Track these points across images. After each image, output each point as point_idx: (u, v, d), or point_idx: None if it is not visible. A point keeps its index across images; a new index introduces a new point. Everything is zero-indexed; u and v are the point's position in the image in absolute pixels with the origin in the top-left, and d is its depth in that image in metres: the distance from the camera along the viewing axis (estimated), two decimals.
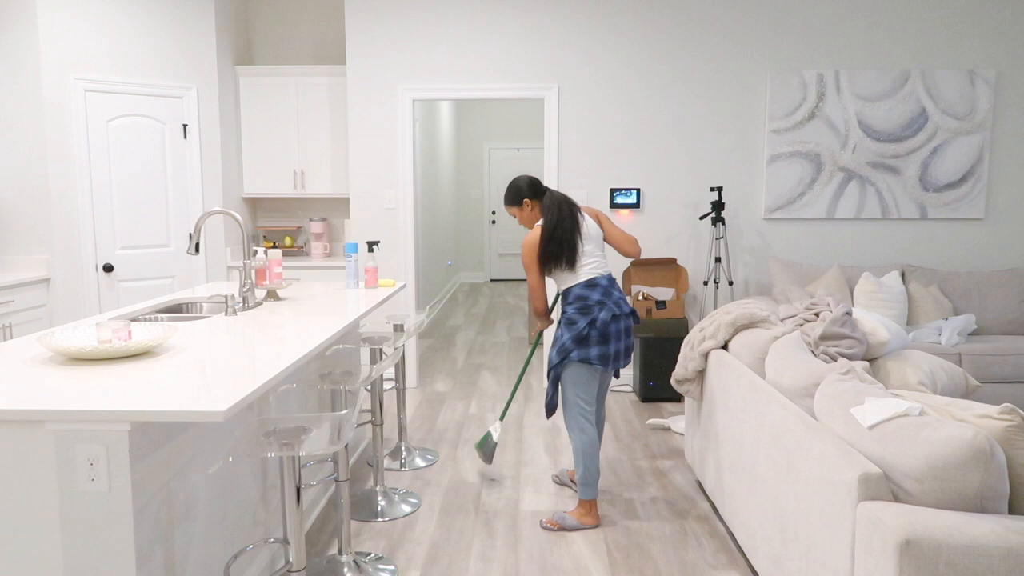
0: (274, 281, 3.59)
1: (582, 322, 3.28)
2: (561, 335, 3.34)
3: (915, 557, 1.68)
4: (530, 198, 3.48)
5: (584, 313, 3.30)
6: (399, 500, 3.57)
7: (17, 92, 4.70)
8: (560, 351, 3.32)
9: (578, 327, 3.27)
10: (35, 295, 4.71)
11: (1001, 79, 5.38)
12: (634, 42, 5.41)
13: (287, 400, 3.09)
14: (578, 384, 3.34)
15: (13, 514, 1.86)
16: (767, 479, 2.57)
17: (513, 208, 3.54)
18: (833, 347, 2.95)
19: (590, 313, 3.29)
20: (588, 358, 3.28)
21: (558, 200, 3.39)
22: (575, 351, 3.28)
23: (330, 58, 6.12)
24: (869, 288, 4.89)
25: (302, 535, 2.22)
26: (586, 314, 3.29)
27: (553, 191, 3.45)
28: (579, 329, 3.27)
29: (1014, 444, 1.87)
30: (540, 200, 3.46)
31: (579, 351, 3.28)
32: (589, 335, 3.27)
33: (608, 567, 2.98)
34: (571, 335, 3.28)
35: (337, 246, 6.28)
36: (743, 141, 5.48)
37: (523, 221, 3.53)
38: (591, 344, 3.27)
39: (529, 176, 3.51)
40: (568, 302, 3.36)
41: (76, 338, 2.43)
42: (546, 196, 3.43)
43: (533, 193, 3.48)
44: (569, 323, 3.32)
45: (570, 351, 3.29)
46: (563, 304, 3.41)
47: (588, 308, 3.30)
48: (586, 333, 3.27)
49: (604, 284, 3.35)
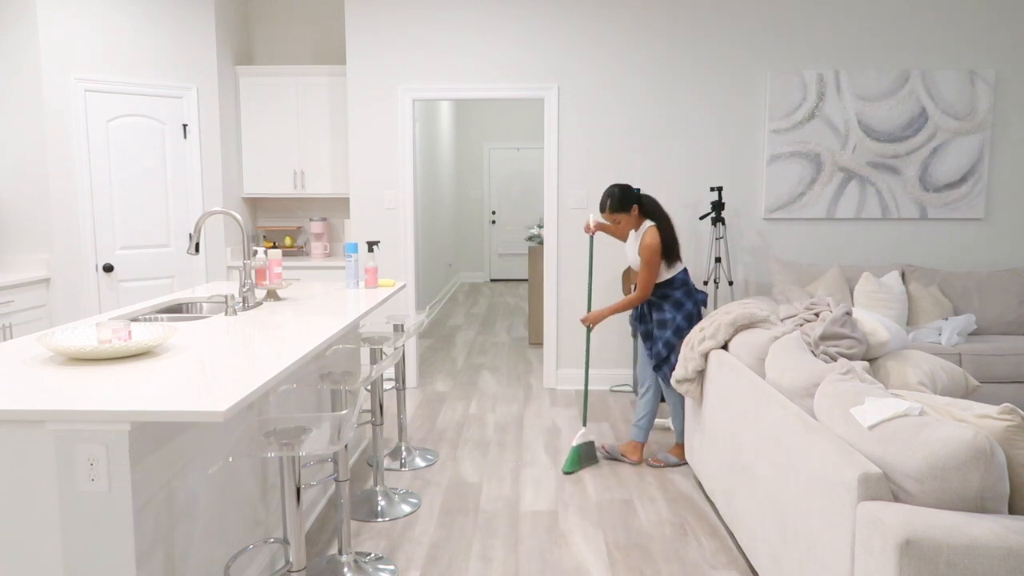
0: (274, 281, 3.59)
1: (689, 304, 3.90)
2: (671, 316, 3.88)
3: (915, 557, 1.68)
4: (638, 204, 3.91)
5: (690, 296, 3.91)
6: (399, 500, 3.57)
7: (17, 92, 4.70)
8: (676, 332, 3.88)
9: (686, 308, 3.89)
10: (35, 295, 4.71)
11: (1001, 79, 5.38)
12: (634, 42, 5.41)
13: (287, 400, 3.09)
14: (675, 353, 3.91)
15: (13, 514, 1.86)
16: (767, 479, 2.57)
17: (620, 215, 3.90)
18: (833, 347, 2.95)
19: (692, 296, 3.92)
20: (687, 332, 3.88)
21: (658, 204, 3.95)
22: (685, 329, 3.88)
23: (330, 58, 6.12)
24: (869, 288, 4.89)
25: (302, 535, 2.22)
26: (691, 296, 3.92)
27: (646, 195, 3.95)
28: (688, 310, 3.89)
29: (1014, 444, 1.87)
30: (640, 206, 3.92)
31: (687, 328, 3.87)
32: (693, 315, 3.90)
33: (608, 567, 2.98)
34: (683, 315, 3.88)
35: (337, 246, 6.28)
36: (743, 141, 5.48)
37: (623, 227, 3.94)
38: (693, 321, 3.89)
39: (622, 184, 3.92)
40: (674, 287, 3.90)
41: (76, 338, 2.43)
42: (647, 200, 3.92)
43: (637, 200, 3.91)
44: (677, 305, 3.89)
45: (683, 329, 3.88)
46: (665, 290, 3.90)
47: (690, 291, 3.93)
48: (693, 312, 3.90)
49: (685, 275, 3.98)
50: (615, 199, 3.88)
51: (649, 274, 3.83)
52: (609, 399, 5.36)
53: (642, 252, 3.85)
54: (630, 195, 3.89)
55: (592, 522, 3.38)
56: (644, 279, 3.86)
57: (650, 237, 3.80)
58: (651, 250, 3.81)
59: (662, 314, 3.92)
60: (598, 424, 4.79)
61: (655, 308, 3.96)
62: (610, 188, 3.91)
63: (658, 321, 3.93)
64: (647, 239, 3.80)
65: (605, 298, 5.62)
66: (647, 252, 3.82)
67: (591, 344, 5.64)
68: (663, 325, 3.91)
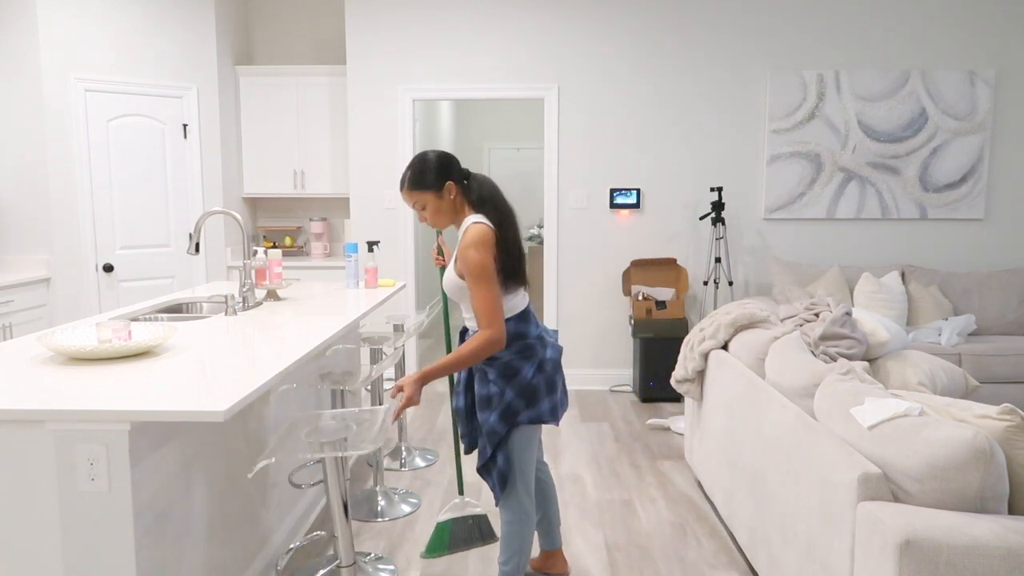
0: (274, 281, 3.59)
1: (527, 369, 2.40)
2: (499, 392, 2.40)
3: (915, 557, 1.68)
4: (454, 182, 2.42)
5: (526, 356, 2.41)
6: (399, 500, 3.57)
7: (17, 92, 4.70)
8: (504, 415, 2.39)
9: (523, 377, 2.39)
10: (35, 295, 4.71)
11: (1001, 79, 5.38)
12: (634, 42, 5.41)
13: (287, 400, 3.09)
14: (526, 454, 2.45)
15: (13, 514, 1.86)
16: (767, 479, 2.57)
17: (423, 195, 2.40)
18: (833, 347, 2.95)
19: (533, 355, 2.42)
20: (541, 416, 2.42)
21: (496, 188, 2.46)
22: (524, 412, 2.40)
23: (330, 58, 6.12)
24: (869, 288, 4.89)
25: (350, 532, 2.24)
26: (529, 357, 2.41)
27: (478, 175, 2.47)
28: (525, 380, 2.39)
29: (1014, 444, 1.87)
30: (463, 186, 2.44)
31: (528, 411, 2.40)
32: (537, 386, 2.41)
33: (608, 567, 2.98)
34: (515, 390, 2.39)
35: (337, 246, 6.28)
36: (743, 141, 5.47)
37: (435, 215, 2.43)
38: (540, 397, 2.41)
39: (440, 151, 2.43)
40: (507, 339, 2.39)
41: (76, 338, 2.43)
42: (475, 180, 2.45)
43: (456, 175, 2.43)
44: (509, 374, 2.39)
45: (518, 412, 2.39)
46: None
47: (530, 349, 2.41)
48: (535, 384, 2.41)
49: (532, 312, 2.50)
50: (415, 171, 2.39)
51: (485, 292, 2.28)
52: (609, 399, 5.36)
53: (462, 254, 2.30)
54: (444, 168, 2.39)
55: (592, 522, 3.38)
56: (483, 306, 2.28)
57: (476, 229, 2.33)
58: (479, 246, 2.28)
59: (485, 387, 2.43)
60: (598, 424, 4.79)
61: (477, 374, 2.49)
62: (417, 156, 2.43)
63: (480, 398, 2.45)
64: (471, 232, 2.33)
65: (605, 302, 5.61)
66: (471, 251, 2.28)
67: (590, 346, 5.64)
68: (486, 404, 2.42)
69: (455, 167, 2.42)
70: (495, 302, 2.29)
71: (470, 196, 2.43)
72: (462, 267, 2.33)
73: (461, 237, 2.38)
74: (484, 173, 6.90)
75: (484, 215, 2.40)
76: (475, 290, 2.30)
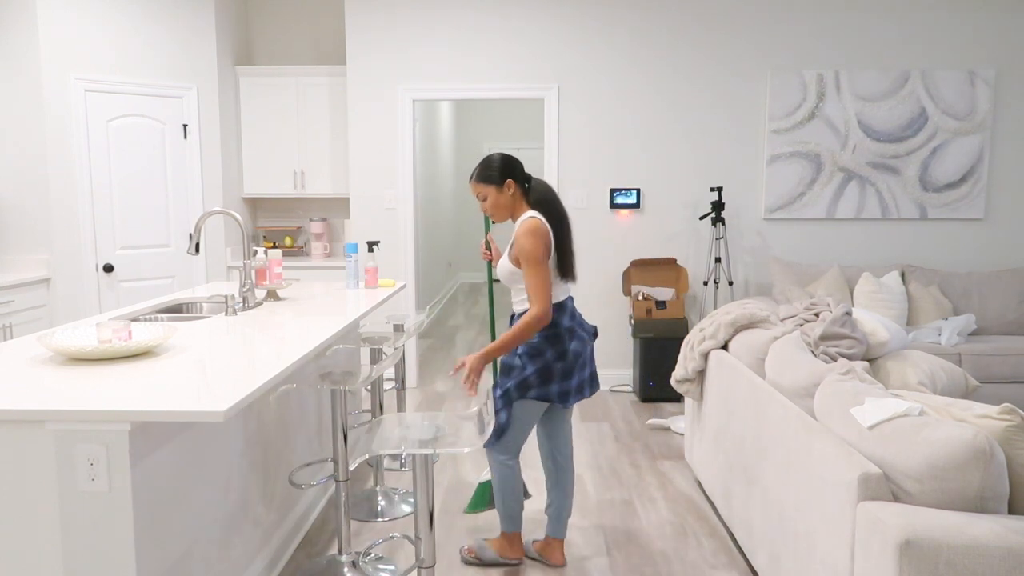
0: (274, 281, 3.59)
1: (550, 353, 2.72)
2: (521, 366, 2.73)
3: (915, 557, 1.68)
4: (515, 180, 2.78)
5: (552, 343, 2.72)
6: (399, 500, 3.57)
7: (17, 92, 4.70)
8: (520, 386, 2.72)
9: (545, 359, 2.71)
10: (35, 295, 4.71)
11: (1001, 79, 5.38)
12: (634, 42, 5.41)
13: (287, 400, 3.09)
14: (524, 423, 2.80)
15: (13, 514, 1.86)
16: (767, 479, 2.57)
17: (487, 188, 2.78)
18: (833, 347, 2.95)
19: (560, 343, 2.73)
20: (548, 395, 2.75)
21: (553, 193, 2.81)
22: (536, 388, 2.73)
23: (330, 58, 6.12)
24: (869, 288, 4.89)
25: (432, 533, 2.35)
26: (555, 344, 2.72)
27: (540, 180, 2.84)
28: (546, 361, 2.72)
29: (1014, 444, 1.87)
30: (524, 188, 2.81)
31: (539, 388, 2.73)
32: (554, 369, 2.73)
33: (608, 567, 2.98)
34: (536, 368, 2.71)
35: (337, 246, 6.28)
36: (743, 141, 5.47)
37: (494, 207, 2.79)
38: (553, 380, 2.73)
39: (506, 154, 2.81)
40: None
41: (76, 338, 2.44)
42: (535, 184, 2.82)
43: (518, 176, 2.79)
44: (535, 353, 2.72)
45: (531, 387, 2.72)
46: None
47: (558, 337, 2.73)
48: (554, 367, 2.73)
49: (571, 306, 2.83)
50: (484, 165, 2.78)
51: (537, 277, 2.62)
52: (609, 399, 5.36)
53: (518, 241, 2.66)
54: (506, 166, 2.76)
55: (592, 522, 3.38)
56: (534, 286, 2.62)
57: (532, 221, 2.68)
58: (533, 234, 2.63)
59: (511, 358, 2.78)
60: (598, 424, 4.79)
61: None
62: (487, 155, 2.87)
63: (503, 364, 2.81)
64: (528, 223, 2.67)
65: (605, 302, 5.61)
66: (527, 241, 2.63)
67: None
68: (508, 371, 2.77)
69: (518, 169, 2.79)
70: (545, 283, 2.63)
71: (529, 197, 2.81)
72: (517, 252, 2.68)
73: (517, 227, 2.73)
74: None
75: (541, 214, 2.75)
76: (528, 272, 2.64)
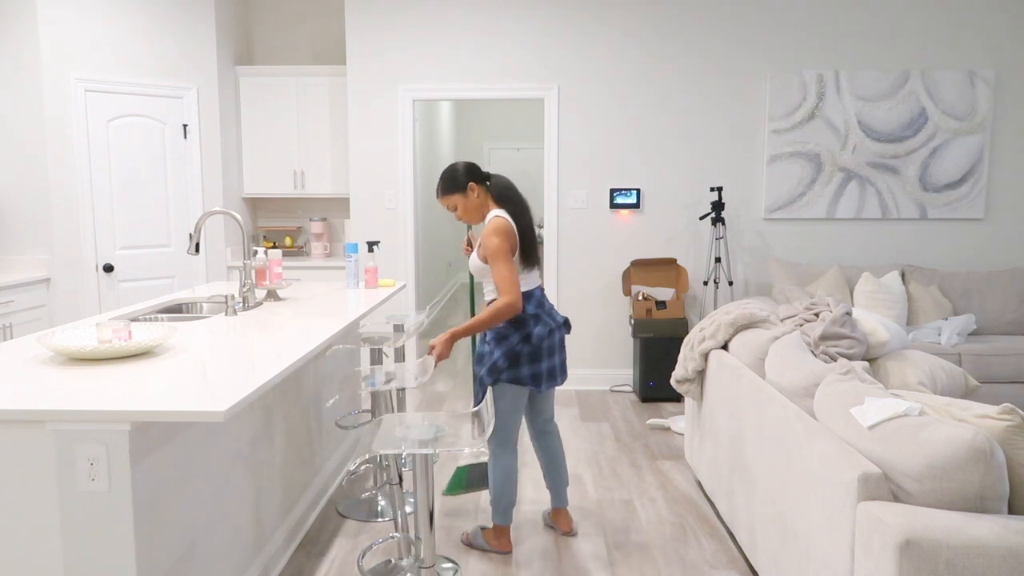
0: (274, 281, 3.59)
1: (514, 337, 2.90)
2: (490, 351, 2.93)
3: (915, 557, 1.68)
4: (476, 182, 2.94)
5: (517, 327, 2.90)
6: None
7: (17, 92, 4.70)
8: (491, 371, 2.91)
9: (510, 343, 2.89)
10: (35, 295, 4.71)
11: (1001, 79, 5.38)
12: (634, 42, 5.41)
13: (288, 400, 3.09)
14: (506, 409, 2.96)
15: (13, 514, 1.86)
16: (767, 479, 2.57)
17: (454, 197, 2.94)
18: (833, 347, 2.95)
19: (524, 327, 2.91)
20: (520, 378, 2.92)
21: (512, 186, 2.98)
22: (506, 372, 2.91)
23: (330, 58, 6.12)
24: (869, 288, 4.89)
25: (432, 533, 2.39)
26: (519, 328, 2.90)
27: (496, 175, 3.00)
28: (511, 345, 2.89)
29: (1014, 444, 1.87)
30: (485, 185, 2.97)
31: (510, 372, 2.91)
32: (520, 353, 2.90)
33: (608, 567, 2.98)
34: (502, 352, 2.89)
35: (337, 246, 6.28)
36: (743, 141, 5.48)
37: (465, 212, 2.96)
38: (522, 363, 2.91)
39: (464, 161, 3.00)
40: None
41: (76, 338, 2.44)
42: (495, 181, 2.97)
43: (478, 177, 2.95)
44: (500, 337, 2.91)
45: (501, 371, 2.90)
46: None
47: (521, 321, 2.91)
48: (519, 350, 2.90)
49: (538, 295, 3.00)
50: (444, 178, 2.94)
51: (503, 268, 2.78)
52: (609, 399, 5.36)
53: (484, 241, 2.84)
54: (467, 172, 2.93)
55: (592, 522, 3.38)
56: (502, 279, 2.79)
57: (496, 221, 2.85)
58: (497, 233, 2.80)
59: (483, 345, 2.99)
60: (598, 424, 4.79)
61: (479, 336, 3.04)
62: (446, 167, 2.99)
63: (477, 354, 3.03)
64: (493, 223, 2.85)
65: (605, 302, 5.61)
66: (492, 240, 2.80)
67: (590, 346, 5.64)
68: (480, 359, 2.99)
69: (476, 171, 2.96)
70: (511, 276, 2.80)
71: (492, 193, 2.97)
72: (484, 251, 2.85)
73: (484, 227, 2.90)
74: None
75: (503, 208, 2.94)
76: (494, 268, 2.82)
